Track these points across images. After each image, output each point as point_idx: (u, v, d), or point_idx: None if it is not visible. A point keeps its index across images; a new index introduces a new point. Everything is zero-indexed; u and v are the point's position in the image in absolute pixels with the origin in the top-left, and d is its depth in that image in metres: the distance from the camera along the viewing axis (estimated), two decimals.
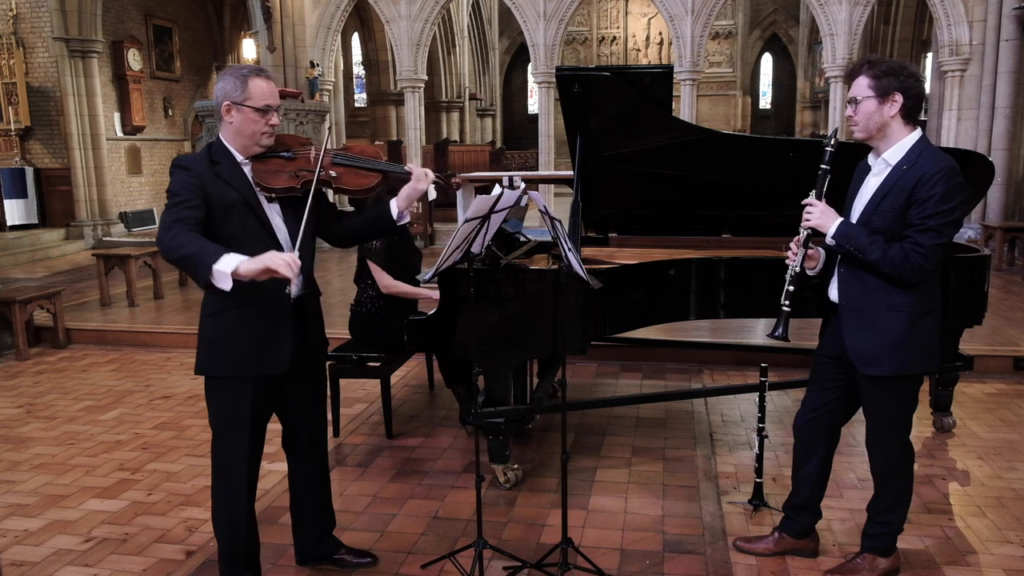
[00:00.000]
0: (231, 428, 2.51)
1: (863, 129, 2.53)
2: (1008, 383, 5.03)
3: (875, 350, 2.56)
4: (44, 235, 11.79)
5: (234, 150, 2.47)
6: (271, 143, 2.51)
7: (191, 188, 2.34)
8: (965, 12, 9.85)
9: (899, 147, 2.52)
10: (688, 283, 3.66)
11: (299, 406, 2.69)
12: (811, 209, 2.58)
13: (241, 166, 2.48)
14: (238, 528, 2.57)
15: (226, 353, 2.45)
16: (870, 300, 2.56)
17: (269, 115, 2.45)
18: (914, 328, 2.53)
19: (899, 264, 2.45)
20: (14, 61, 11.91)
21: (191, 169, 2.39)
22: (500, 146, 19.70)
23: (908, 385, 2.63)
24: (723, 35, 22.50)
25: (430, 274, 2.81)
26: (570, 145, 3.80)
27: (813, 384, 2.88)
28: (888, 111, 2.48)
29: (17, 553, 3.07)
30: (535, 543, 3.07)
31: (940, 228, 2.42)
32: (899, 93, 2.47)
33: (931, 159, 2.46)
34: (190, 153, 2.51)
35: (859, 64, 2.56)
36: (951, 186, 2.42)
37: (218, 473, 2.56)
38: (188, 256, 2.22)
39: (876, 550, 2.77)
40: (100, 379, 5.45)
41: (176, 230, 2.25)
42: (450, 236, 2.66)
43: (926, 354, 2.58)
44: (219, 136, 2.50)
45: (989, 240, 8.96)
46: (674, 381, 5.17)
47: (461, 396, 4.10)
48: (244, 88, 2.41)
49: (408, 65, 12.24)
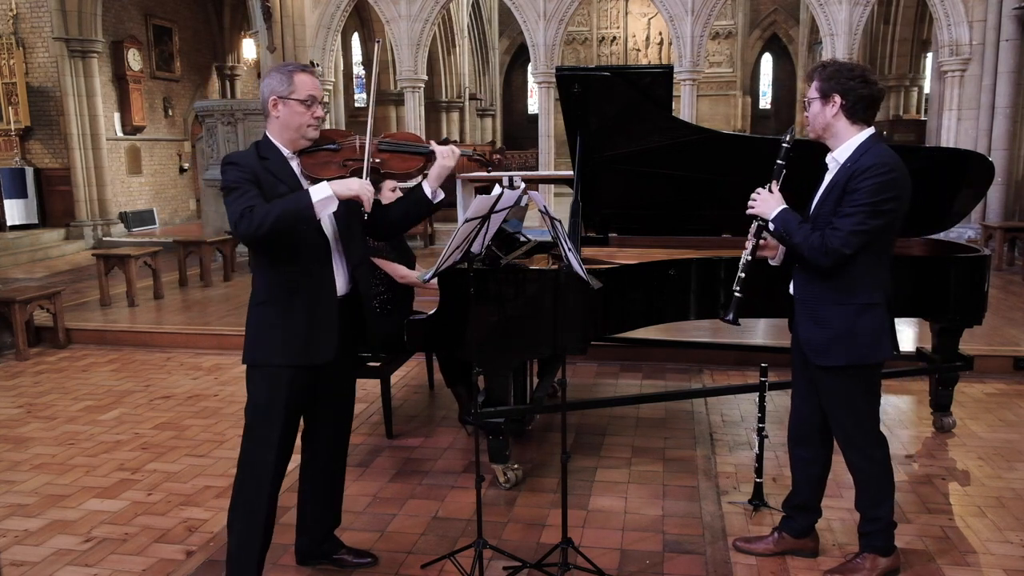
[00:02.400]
0: (265, 417, 2.53)
1: (812, 129, 2.67)
2: (1008, 383, 5.03)
3: (824, 341, 2.64)
4: (44, 235, 11.79)
5: (281, 145, 2.53)
6: (316, 136, 2.55)
7: (246, 180, 2.41)
8: (965, 12, 9.85)
9: (847, 146, 2.60)
10: (688, 283, 3.66)
11: (330, 401, 2.72)
12: (755, 197, 2.68)
13: (288, 161, 2.53)
14: (256, 523, 2.57)
15: (269, 341, 2.51)
16: (818, 293, 2.65)
17: (314, 107, 2.50)
18: (860, 319, 2.60)
19: (816, 247, 2.53)
20: (14, 61, 11.92)
21: (242, 164, 2.45)
22: (500, 146, 19.68)
23: (860, 374, 2.67)
24: (723, 35, 22.49)
25: (430, 274, 2.81)
26: (570, 145, 3.80)
27: (795, 391, 2.94)
28: (829, 112, 2.59)
29: (17, 553, 3.07)
30: (535, 543, 3.07)
31: (862, 216, 2.48)
32: (838, 95, 2.56)
33: (873, 155, 2.53)
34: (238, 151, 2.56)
35: (814, 68, 2.68)
36: (885, 180, 2.48)
37: (245, 464, 2.57)
38: (281, 215, 2.33)
39: (875, 549, 2.77)
40: (100, 379, 5.46)
41: (249, 211, 2.33)
42: (450, 236, 2.67)
43: (873, 344, 2.63)
44: (266, 133, 2.55)
45: (989, 240, 8.96)
46: (674, 381, 5.16)
47: (461, 396, 4.10)
48: (290, 82, 2.47)
49: (408, 65, 12.24)
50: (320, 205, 2.36)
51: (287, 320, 2.50)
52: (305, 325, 2.51)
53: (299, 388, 2.55)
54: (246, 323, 2.57)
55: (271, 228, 2.33)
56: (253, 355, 2.55)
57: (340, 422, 2.82)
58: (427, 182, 2.69)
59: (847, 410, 2.71)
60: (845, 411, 2.71)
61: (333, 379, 2.68)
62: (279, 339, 2.50)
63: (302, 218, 2.36)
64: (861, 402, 2.70)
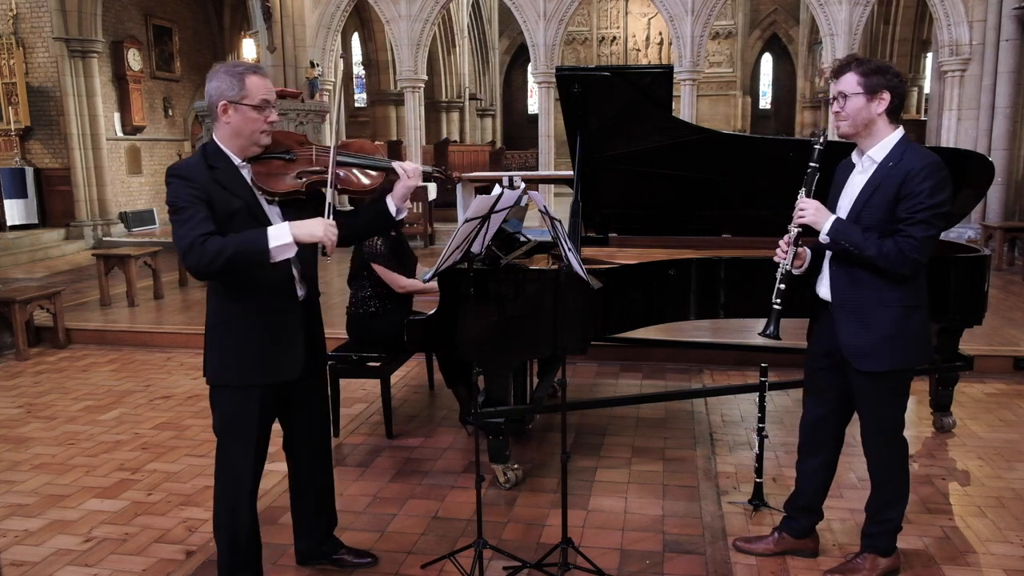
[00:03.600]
0: (238, 434, 2.48)
1: (851, 125, 2.57)
2: (1008, 383, 5.03)
3: (868, 346, 2.59)
4: (44, 235, 11.78)
5: (231, 152, 2.39)
6: (269, 142, 2.42)
7: (195, 199, 2.26)
8: (965, 12, 9.85)
9: (883, 144, 2.57)
10: (688, 283, 3.66)
11: (304, 407, 2.68)
12: (804, 207, 2.60)
13: (239, 170, 2.40)
14: (240, 533, 2.55)
15: (238, 363, 2.42)
16: (861, 297, 2.60)
17: (267, 112, 2.37)
18: (905, 323, 2.57)
19: (894, 258, 2.48)
20: (14, 61, 11.91)
21: (190, 179, 2.29)
22: (500, 146, 19.70)
23: (900, 380, 2.66)
24: (723, 35, 22.49)
25: (430, 274, 2.81)
26: (570, 145, 3.80)
27: (809, 390, 2.91)
28: (876, 108, 2.54)
29: (17, 553, 3.07)
30: (535, 543, 3.07)
31: (931, 220, 2.47)
32: (887, 91, 2.52)
33: (916, 155, 2.51)
34: (182, 160, 2.45)
35: (847, 61, 2.60)
36: (939, 180, 2.46)
37: (222, 478, 2.54)
38: (235, 255, 2.21)
39: (876, 549, 2.77)
40: (100, 379, 5.45)
41: (201, 243, 2.20)
42: (450, 236, 2.66)
43: (918, 348, 2.62)
44: (213, 138, 2.40)
45: (989, 240, 8.95)
46: (674, 381, 5.16)
47: (461, 396, 4.10)
48: (241, 86, 2.32)
49: (408, 65, 12.23)
50: (277, 251, 2.21)
51: (250, 335, 2.40)
52: (269, 343, 2.42)
53: (270, 402, 2.50)
54: (205, 343, 2.46)
55: (222, 268, 2.21)
56: (217, 375, 2.46)
57: (317, 428, 2.76)
58: (391, 198, 2.58)
59: (881, 413, 2.68)
60: (879, 414, 2.68)
61: (302, 388, 2.60)
62: (244, 360, 2.41)
63: (256, 262, 2.24)
64: (894, 405, 2.69)
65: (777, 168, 3.85)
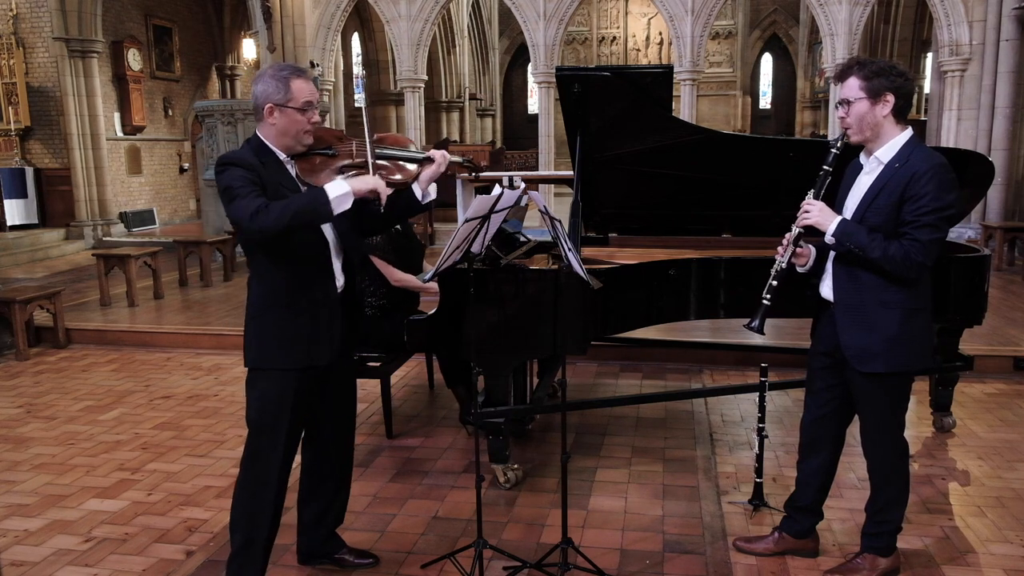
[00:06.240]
0: (271, 421, 2.52)
1: (857, 131, 2.56)
2: (1008, 383, 5.03)
3: (870, 347, 2.58)
4: (44, 235, 11.79)
5: (277, 149, 2.50)
6: (312, 141, 2.54)
7: (250, 181, 2.35)
8: (965, 12, 9.85)
9: (891, 145, 2.55)
10: (688, 283, 3.66)
11: (332, 401, 2.72)
12: (810, 208, 2.59)
13: (285, 164, 2.52)
14: (260, 525, 2.56)
15: (274, 346, 2.49)
16: (864, 298, 2.59)
17: (310, 113, 2.47)
18: (907, 325, 2.56)
19: (899, 262, 2.47)
20: (14, 61, 11.91)
21: (244, 165, 2.39)
22: (500, 146, 19.69)
23: (900, 382, 2.65)
24: (723, 35, 22.46)
25: (430, 274, 2.81)
26: (570, 145, 3.80)
27: (811, 390, 2.90)
28: (880, 111, 2.51)
29: (17, 553, 3.07)
30: (535, 543, 3.07)
31: (937, 223, 2.45)
32: (890, 93, 2.50)
33: (923, 157, 2.49)
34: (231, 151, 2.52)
35: (848, 65, 2.57)
36: (944, 182, 2.45)
37: (249, 467, 2.56)
38: (299, 211, 2.30)
39: (876, 550, 2.77)
40: (100, 379, 5.45)
41: (265, 206, 2.28)
42: (450, 236, 2.67)
43: (919, 351, 2.61)
44: (257, 134, 2.51)
45: (989, 240, 8.95)
46: (674, 381, 5.17)
47: (461, 396, 4.11)
48: (287, 89, 2.43)
49: (408, 65, 12.23)
50: (337, 202, 2.33)
51: (290, 323, 2.49)
52: (308, 327, 2.51)
53: (304, 390, 2.55)
54: (246, 328, 2.55)
55: (288, 225, 2.29)
56: (257, 359, 2.53)
57: (344, 421, 2.82)
58: (417, 184, 2.67)
59: (881, 414, 2.67)
60: (879, 415, 2.68)
61: (335, 379, 2.68)
62: (284, 343, 2.49)
63: (319, 215, 2.34)
64: (894, 407, 2.68)
65: (777, 168, 3.86)
